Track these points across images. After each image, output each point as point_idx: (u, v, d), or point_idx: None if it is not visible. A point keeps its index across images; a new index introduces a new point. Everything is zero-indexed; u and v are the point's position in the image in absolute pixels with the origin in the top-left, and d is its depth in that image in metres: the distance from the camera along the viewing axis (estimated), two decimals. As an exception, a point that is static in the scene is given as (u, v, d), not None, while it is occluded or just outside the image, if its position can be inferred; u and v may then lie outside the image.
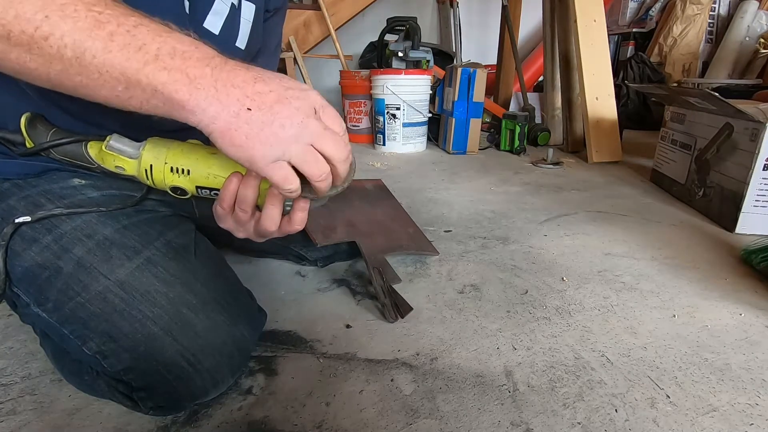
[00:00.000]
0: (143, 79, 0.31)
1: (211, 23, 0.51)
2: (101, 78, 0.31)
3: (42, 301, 0.43)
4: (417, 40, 1.90)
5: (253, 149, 0.33)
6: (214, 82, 0.33)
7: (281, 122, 0.34)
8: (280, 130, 0.34)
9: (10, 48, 0.30)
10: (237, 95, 0.33)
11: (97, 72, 0.31)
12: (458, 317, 0.65)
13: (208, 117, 0.33)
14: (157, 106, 0.33)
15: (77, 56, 0.30)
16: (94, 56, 0.30)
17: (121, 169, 0.44)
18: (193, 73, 0.32)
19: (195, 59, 0.33)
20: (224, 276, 0.53)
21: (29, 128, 0.44)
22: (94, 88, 0.32)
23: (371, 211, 0.86)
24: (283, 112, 0.34)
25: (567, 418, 0.46)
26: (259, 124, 0.33)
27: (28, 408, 0.48)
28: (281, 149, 0.34)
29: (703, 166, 1.09)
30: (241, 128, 0.33)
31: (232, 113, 0.33)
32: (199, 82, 0.32)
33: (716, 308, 0.67)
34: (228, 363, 0.46)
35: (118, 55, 0.31)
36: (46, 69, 0.31)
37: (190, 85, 0.32)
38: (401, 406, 0.48)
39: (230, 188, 0.41)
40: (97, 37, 0.30)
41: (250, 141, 0.33)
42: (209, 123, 0.33)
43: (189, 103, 0.32)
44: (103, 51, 0.30)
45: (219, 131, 0.33)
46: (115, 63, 0.31)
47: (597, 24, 1.67)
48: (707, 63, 2.64)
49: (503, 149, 1.93)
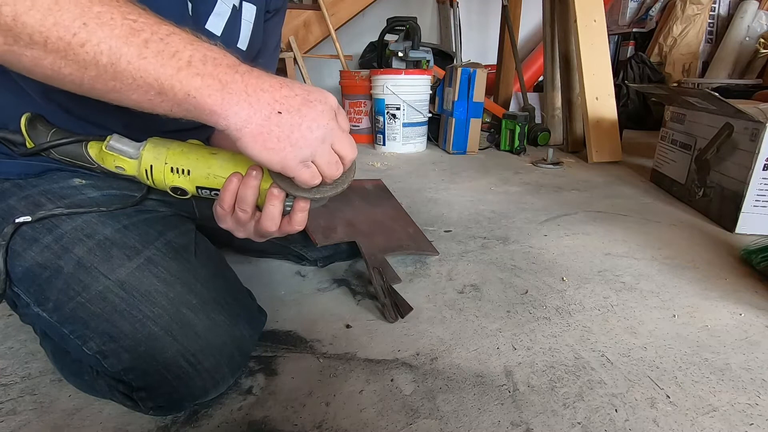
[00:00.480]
0: (176, 84, 0.32)
1: (213, 24, 0.52)
2: (134, 83, 0.32)
3: (42, 301, 0.43)
4: (417, 40, 1.91)
5: (285, 151, 0.35)
6: (245, 87, 0.34)
7: (309, 125, 0.35)
8: (308, 133, 0.35)
9: (46, 54, 0.31)
10: (267, 99, 0.34)
11: (131, 77, 0.32)
12: (458, 317, 0.65)
13: (240, 120, 0.33)
14: (188, 110, 0.33)
15: (112, 62, 0.31)
16: (129, 62, 0.31)
17: (122, 169, 0.44)
18: (225, 79, 0.33)
19: (225, 66, 0.34)
20: (224, 276, 0.53)
21: (29, 128, 0.44)
22: (126, 93, 0.33)
23: (371, 211, 0.86)
24: (309, 114, 0.35)
25: (567, 418, 0.46)
26: (289, 127, 0.34)
27: (28, 408, 0.48)
28: (310, 150, 0.36)
29: (703, 166, 1.09)
30: (273, 131, 0.34)
31: (263, 116, 0.34)
32: (230, 87, 0.33)
33: (716, 308, 0.67)
34: (228, 363, 0.46)
35: (152, 61, 0.31)
36: (80, 75, 0.32)
37: (222, 90, 0.33)
38: (401, 406, 0.48)
39: (230, 188, 0.41)
40: (132, 44, 0.31)
41: (281, 143, 0.34)
42: (241, 127, 0.34)
43: (221, 108, 0.33)
44: (138, 57, 0.31)
45: (251, 135, 0.34)
46: (149, 69, 0.31)
47: (597, 24, 1.67)
48: (707, 63, 2.64)
49: (503, 149, 1.93)
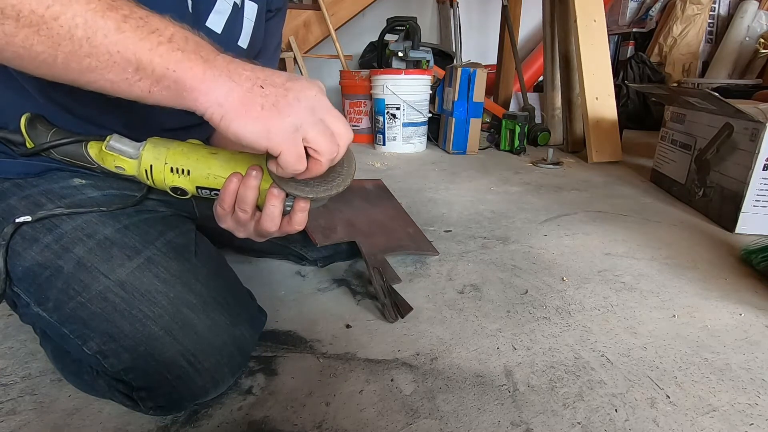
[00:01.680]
0: (156, 59, 0.31)
1: (214, 22, 0.52)
2: (111, 59, 0.31)
3: (42, 301, 0.43)
4: (417, 40, 1.91)
5: (270, 119, 0.33)
6: (227, 65, 0.33)
7: (295, 95, 0.34)
8: (295, 102, 0.34)
9: (18, 29, 0.29)
10: (248, 76, 0.34)
11: (108, 53, 0.30)
12: (458, 317, 0.65)
13: (222, 95, 0.32)
14: (167, 87, 0.32)
15: (88, 36, 0.30)
16: (106, 35, 0.30)
17: (121, 169, 0.44)
18: (207, 56, 0.33)
19: (207, 47, 0.33)
20: (224, 276, 0.53)
21: (29, 128, 0.44)
22: (101, 71, 0.31)
23: (371, 211, 0.86)
24: (295, 87, 0.35)
25: (567, 418, 0.46)
26: (273, 97, 0.33)
27: (28, 408, 0.48)
28: (298, 119, 0.34)
29: (703, 166, 1.09)
30: (257, 100, 0.33)
31: (246, 88, 0.33)
32: (212, 63, 0.33)
33: (716, 308, 0.67)
34: (228, 363, 0.46)
35: (131, 35, 0.30)
36: (53, 52, 0.30)
37: (204, 64, 0.32)
38: (401, 406, 0.48)
39: (230, 188, 0.41)
40: (109, 17, 0.30)
41: (266, 111, 0.33)
42: (223, 101, 0.32)
43: (203, 82, 0.32)
44: (116, 31, 0.30)
45: (233, 108, 0.32)
46: (128, 43, 0.30)
47: (597, 24, 1.67)
48: (707, 63, 2.65)
49: (503, 149, 1.93)
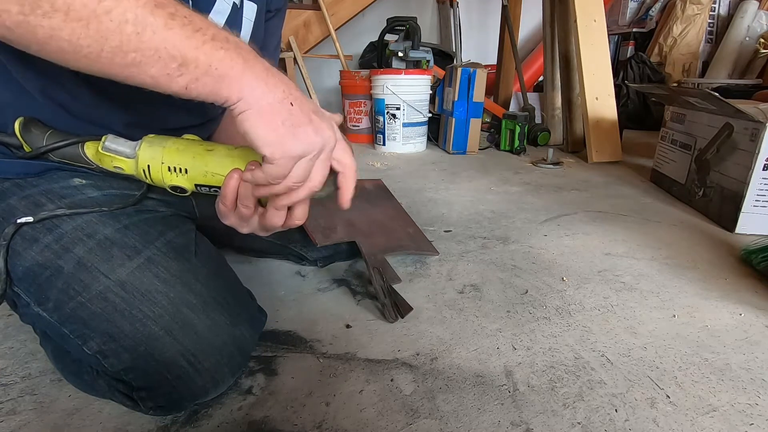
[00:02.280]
0: (201, 56, 0.33)
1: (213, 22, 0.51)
2: (156, 54, 0.32)
3: (42, 301, 0.43)
4: (417, 40, 1.90)
5: (285, 137, 0.35)
6: (265, 69, 0.35)
7: (315, 128, 0.37)
8: (312, 133, 0.37)
9: (65, 24, 0.30)
10: (283, 88, 0.36)
11: (155, 48, 0.31)
12: (458, 317, 0.65)
13: (254, 97, 0.34)
14: (206, 84, 0.34)
15: (138, 31, 0.31)
16: (155, 32, 0.31)
17: (120, 169, 0.44)
18: (247, 57, 0.35)
19: (246, 48, 0.35)
20: (224, 276, 0.53)
21: (24, 132, 0.43)
22: (145, 66, 0.32)
23: (371, 211, 0.86)
24: (316, 121, 0.38)
25: (567, 418, 0.46)
26: (297, 119, 0.36)
27: (28, 408, 0.48)
28: (307, 149, 0.37)
29: (703, 166, 1.09)
30: (281, 114, 0.35)
31: (277, 99, 0.35)
32: (252, 64, 0.35)
33: (716, 308, 0.67)
34: (228, 363, 0.46)
35: (178, 32, 0.32)
36: (99, 46, 0.31)
37: (245, 64, 0.34)
38: (401, 406, 0.48)
39: (231, 185, 0.42)
40: (158, 14, 0.31)
41: (285, 129, 0.35)
42: (253, 103, 0.34)
43: (241, 81, 0.34)
44: (164, 28, 0.31)
45: (260, 111, 0.35)
46: (175, 40, 0.32)
47: (597, 24, 1.67)
48: (707, 63, 2.64)
49: (503, 149, 1.93)
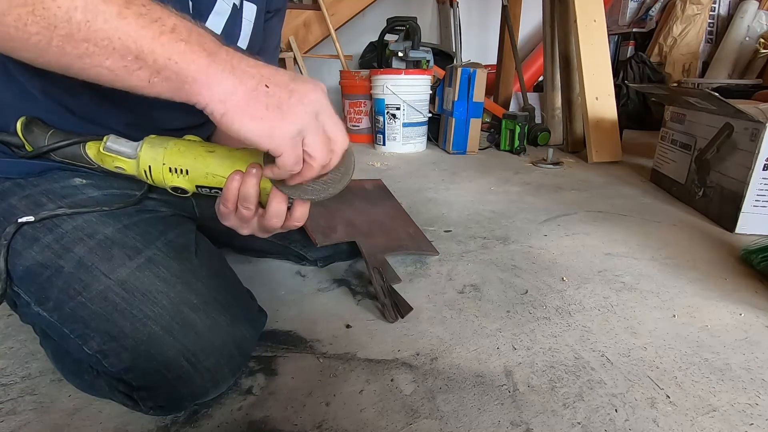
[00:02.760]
0: (158, 48, 0.30)
1: (213, 23, 0.52)
2: (110, 45, 0.29)
3: (43, 301, 0.43)
4: (417, 40, 1.90)
5: (274, 121, 0.32)
6: (230, 59, 0.32)
7: (299, 97, 0.33)
8: (299, 105, 0.33)
9: (10, 9, 0.28)
10: (253, 74, 0.32)
11: (107, 38, 0.29)
12: (458, 317, 0.65)
13: (225, 92, 0.31)
14: (168, 78, 0.31)
15: (87, 20, 0.28)
16: (106, 20, 0.29)
17: (121, 169, 0.44)
18: (211, 49, 0.31)
19: (210, 40, 0.32)
20: (225, 276, 0.53)
21: (26, 132, 0.44)
22: (99, 58, 0.30)
23: (371, 211, 0.86)
24: (299, 89, 0.34)
25: (567, 418, 0.47)
26: (278, 98, 0.32)
27: (28, 408, 0.48)
28: (301, 124, 0.33)
29: (703, 166, 1.09)
30: (261, 100, 0.32)
31: (251, 87, 0.32)
32: (216, 57, 0.31)
33: (716, 308, 0.67)
34: (228, 363, 0.46)
35: (132, 22, 0.29)
36: (48, 34, 0.29)
37: (207, 58, 0.31)
38: (401, 406, 0.48)
39: (232, 187, 0.41)
40: (111, 2, 0.29)
41: (270, 112, 0.32)
42: (226, 99, 0.31)
43: (206, 75, 0.31)
44: (117, 16, 0.29)
45: (237, 106, 0.31)
46: (129, 30, 0.29)
47: (597, 24, 1.67)
48: (707, 63, 2.64)
49: (503, 149, 1.93)
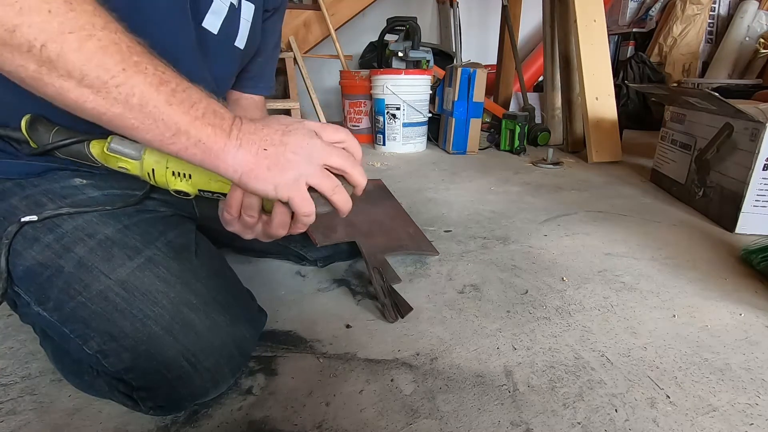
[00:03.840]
0: (191, 130, 0.36)
1: (210, 23, 0.52)
2: (155, 124, 0.35)
3: (43, 300, 0.43)
4: (417, 40, 1.90)
5: (276, 178, 0.39)
6: (238, 133, 0.39)
7: (292, 149, 0.40)
8: (292, 156, 0.39)
9: (76, 88, 0.33)
10: (254, 140, 0.39)
11: (153, 119, 0.35)
12: (458, 317, 0.65)
13: (237, 162, 0.38)
14: (195, 154, 0.38)
15: (141, 104, 0.34)
16: (156, 106, 0.35)
17: (125, 169, 0.45)
18: (227, 128, 0.38)
19: (228, 119, 0.39)
20: (225, 276, 0.53)
21: (30, 130, 0.44)
22: (141, 131, 0.36)
23: (371, 211, 0.86)
24: (291, 141, 0.40)
25: (567, 418, 0.47)
26: (275, 156, 0.39)
27: (28, 408, 0.48)
28: (298, 171, 0.39)
29: (703, 166, 1.09)
30: (262, 163, 0.39)
31: (252, 154, 0.39)
32: (230, 135, 0.38)
33: (716, 308, 0.67)
34: (228, 363, 0.46)
35: (177, 108, 0.36)
36: (103, 110, 0.34)
37: (226, 138, 0.38)
38: (401, 406, 0.48)
39: (236, 196, 0.43)
40: (162, 91, 0.35)
41: (271, 171, 0.39)
42: (237, 168, 0.38)
43: (224, 152, 0.38)
44: (166, 103, 0.35)
45: (246, 172, 0.38)
46: (173, 114, 0.36)
47: (597, 24, 1.67)
48: (707, 63, 2.64)
49: (503, 149, 1.93)
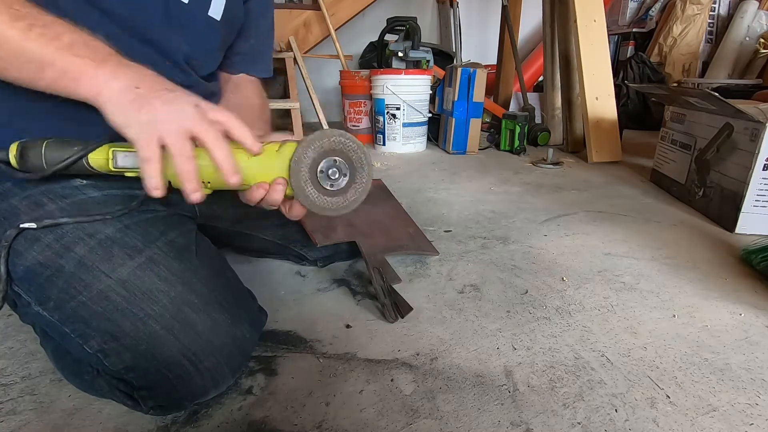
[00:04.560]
0: (57, 62, 0.37)
1: None
2: (17, 60, 0.37)
3: (43, 300, 0.43)
4: (417, 40, 1.90)
5: (131, 113, 0.38)
6: (117, 65, 0.39)
7: (163, 100, 0.39)
8: (159, 105, 0.39)
9: None
10: (132, 76, 0.39)
11: (14, 55, 0.37)
12: (458, 317, 0.65)
13: (109, 88, 0.38)
14: (67, 85, 0.38)
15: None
16: (15, 42, 0.36)
17: (133, 177, 0.44)
18: (100, 58, 0.39)
19: (102, 51, 0.39)
20: (225, 276, 0.53)
21: (21, 162, 0.42)
22: (10, 71, 0.38)
23: (371, 211, 0.86)
24: (166, 95, 0.39)
25: (567, 418, 0.47)
26: (142, 97, 0.38)
27: (28, 408, 0.48)
28: (156, 118, 0.38)
29: (703, 166, 1.09)
30: (126, 95, 0.38)
31: (123, 87, 0.38)
32: (104, 63, 0.39)
33: (716, 308, 0.67)
34: (228, 362, 0.46)
35: (36, 42, 0.37)
36: None
37: (96, 68, 0.38)
38: (401, 406, 0.48)
39: (256, 196, 0.45)
40: (16, 27, 0.36)
41: (132, 105, 0.38)
42: (108, 93, 0.38)
43: (94, 80, 0.38)
44: (23, 38, 0.36)
45: (112, 99, 0.38)
46: (33, 48, 0.37)
47: (597, 24, 1.67)
48: (707, 63, 2.64)
49: (503, 149, 1.93)
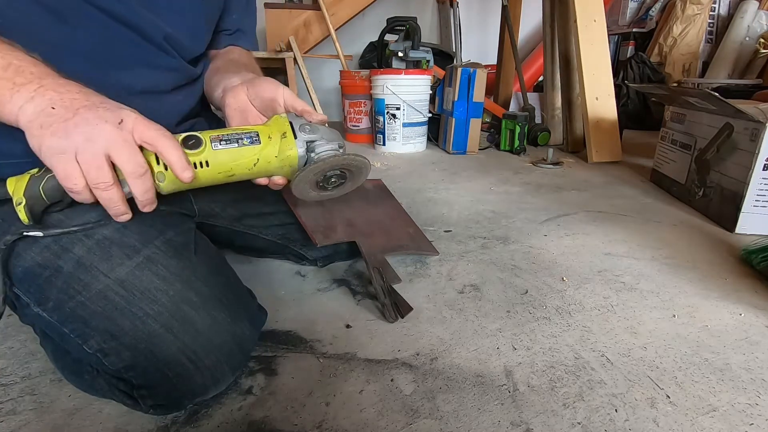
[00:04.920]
0: None
1: None
2: None
3: (42, 301, 0.43)
4: (417, 40, 1.90)
5: (42, 138, 0.37)
6: (37, 87, 0.38)
7: (76, 121, 0.37)
8: (72, 128, 0.37)
9: None
10: (51, 96, 0.38)
11: None
12: (458, 317, 0.65)
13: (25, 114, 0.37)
14: None
15: None
16: None
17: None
18: (21, 80, 0.37)
19: (25, 73, 0.38)
20: (224, 274, 0.53)
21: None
22: None
23: (371, 211, 0.86)
24: (84, 114, 0.38)
25: (567, 418, 0.46)
26: (54, 119, 0.37)
27: (28, 408, 0.48)
28: (68, 144, 0.37)
29: (703, 166, 1.09)
30: (38, 120, 0.37)
31: (38, 110, 0.37)
32: (23, 86, 0.37)
33: (716, 308, 0.67)
34: (228, 361, 0.46)
35: None
36: None
37: (12, 89, 0.37)
38: (401, 406, 0.48)
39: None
40: None
41: (42, 131, 0.37)
42: (24, 119, 0.37)
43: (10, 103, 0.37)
44: None
45: (24, 124, 0.37)
46: None
47: (597, 24, 1.67)
48: (707, 63, 2.64)
49: (503, 149, 1.93)
